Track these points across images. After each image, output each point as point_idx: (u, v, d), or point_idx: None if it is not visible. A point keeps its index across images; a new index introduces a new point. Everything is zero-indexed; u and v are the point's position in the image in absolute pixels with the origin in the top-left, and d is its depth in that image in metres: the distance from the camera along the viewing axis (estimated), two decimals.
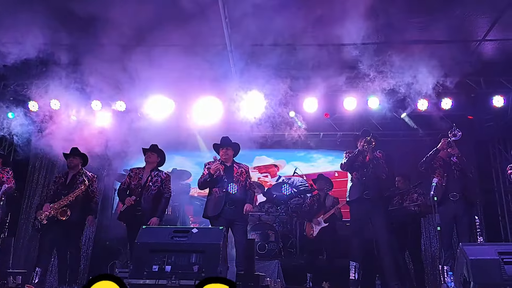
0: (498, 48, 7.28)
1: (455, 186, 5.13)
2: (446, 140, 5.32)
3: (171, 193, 5.79)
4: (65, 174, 5.87)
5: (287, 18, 6.56)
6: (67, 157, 5.92)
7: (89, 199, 5.77)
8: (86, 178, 5.71)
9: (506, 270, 3.70)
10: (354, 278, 5.14)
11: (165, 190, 5.68)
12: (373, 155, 5.24)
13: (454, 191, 5.10)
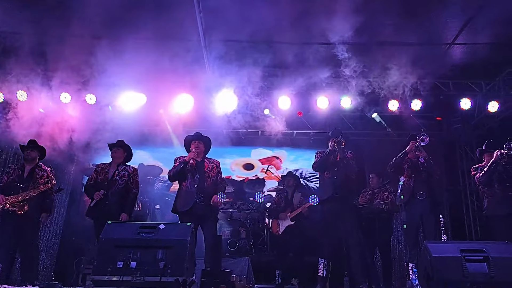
0: (466, 52, 7.45)
1: (422, 186, 5.24)
2: (414, 143, 5.42)
3: (139, 188, 5.68)
4: (22, 167, 5.63)
5: (263, 14, 6.55)
6: (24, 150, 5.71)
7: (45, 196, 5.57)
8: (45, 173, 5.53)
9: (468, 267, 3.80)
10: (323, 275, 5.19)
11: (133, 185, 5.59)
12: (344, 155, 5.28)
13: (420, 191, 5.21)
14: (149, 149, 8.73)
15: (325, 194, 5.25)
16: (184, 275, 3.57)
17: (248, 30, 6.92)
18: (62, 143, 7.15)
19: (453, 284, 3.79)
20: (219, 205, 5.24)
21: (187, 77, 8.09)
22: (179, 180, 5.38)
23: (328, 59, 7.69)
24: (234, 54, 7.59)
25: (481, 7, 6.27)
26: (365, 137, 9.45)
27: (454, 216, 9.06)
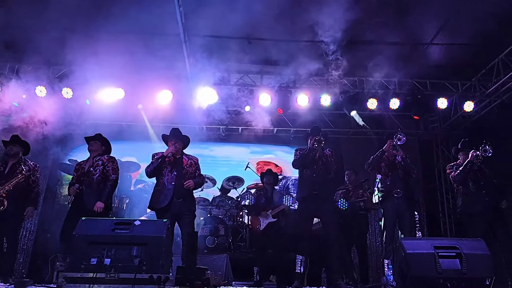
0: (444, 52, 7.58)
1: (399, 184, 5.31)
2: (391, 142, 5.48)
3: (118, 175, 5.48)
4: (5, 163, 5.50)
5: (244, 10, 6.53)
6: (7, 145, 5.55)
7: (29, 189, 5.44)
8: (25, 167, 5.38)
9: (441, 263, 3.86)
10: (300, 271, 5.20)
11: (109, 172, 5.36)
12: (323, 153, 5.29)
13: (397, 189, 5.27)
14: (126, 144, 8.60)
15: (304, 192, 5.25)
16: (160, 272, 3.53)
17: (229, 26, 6.90)
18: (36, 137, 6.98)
19: (427, 280, 3.84)
20: (191, 186, 5.15)
21: (167, 72, 8.03)
22: (157, 177, 5.31)
23: (309, 57, 7.73)
24: (214, 49, 7.56)
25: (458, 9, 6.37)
26: (344, 135, 9.52)
27: (430, 213, 9.23)
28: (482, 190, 5.27)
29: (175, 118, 8.47)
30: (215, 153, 9.26)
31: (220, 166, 8.83)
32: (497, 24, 6.42)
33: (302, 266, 5.15)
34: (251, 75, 8.20)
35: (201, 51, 7.46)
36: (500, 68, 7.42)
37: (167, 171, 5.23)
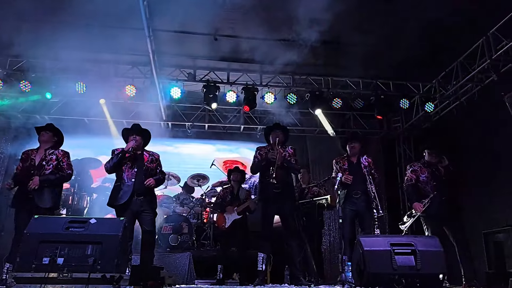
0: (405, 54, 7.73)
1: (360, 185, 5.39)
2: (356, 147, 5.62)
3: (73, 171, 5.31)
4: None
5: (211, 7, 6.47)
6: None
7: None
8: None
9: (396, 260, 3.95)
10: (262, 269, 5.21)
11: (64, 167, 5.16)
12: (282, 158, 5.27)
13: (357, 190, 5.36)
14: (88, 140, 8.37)
15: (266, 192, 5.25)
16: (115, 271, 3.45)
17: (195, 22, 6.83)
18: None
19: (383, 277, 3.92)
20: (151, 184, 5.07)
21: (131, 67, 7.87)
22: (116, 173, 5.18)
23: (276, 55, 7.75)
24: (180, 45, 7.47)
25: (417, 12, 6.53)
26: (310, 133, 9.61)
27: (392, 211, 9.43)
28: (434, 190, 5.41)
29: (139, 114, 8.33)
30: (180, 150, 9.15)
31: (185, 163, 8.72)
32: (457, 27, 6.64)
33: (264, 263, 5.16)
34: (217, 72, 8.14)
35: (167, 47, 7.37)
36: (459, 70, 7.66)
37: (127, 167, 5.11)
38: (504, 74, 7.05)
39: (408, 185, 5.60)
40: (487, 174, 7.25)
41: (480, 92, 7.71)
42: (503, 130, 6.92)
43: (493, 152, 7.18)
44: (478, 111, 7.68)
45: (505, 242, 5.45)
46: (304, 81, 8.35)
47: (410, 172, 5.69)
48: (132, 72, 7.86)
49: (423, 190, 5.51)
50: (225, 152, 9.23)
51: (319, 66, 8.08)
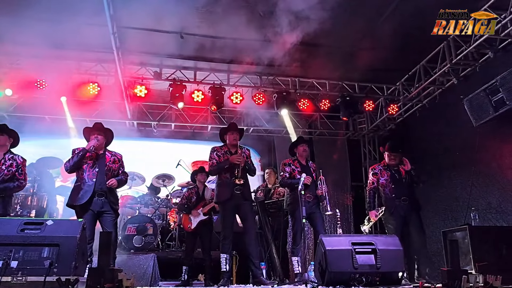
0: (371, 56, 7.89)
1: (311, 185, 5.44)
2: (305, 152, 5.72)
3: (27, 182, 5.15)
4: None
5: (177, 5, 6.38)
6: None
7: None
8: None
9: (357, 259, 4.03)
10: (226, 269, 5.19)
11: (20, 177, 4.99)
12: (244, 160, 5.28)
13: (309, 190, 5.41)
14: (49, 139, 8.11)
15: (225, 193, 5.23)
16: (72, 274, 3.34)
17: (162, 19, 6.72)
18: None
19: (344, 275, 3.99)
20: (114, 185, 4.97)
21: (94, 64, 7.68)
22: (77, 172, 5.04)
23: (243, 54, 7.75)
24: (146, 43, 7.33)
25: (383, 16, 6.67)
26: (277, 134, 9.65)
27: (358, 210, 9.61)
28: (393, 193, 5.59)
29: (103, 113, 8.13)
30: (146, 149, 8.99)
31: (150, 163, 8.57)
32: (420, 31, 6.81)
33: (227, 264, 5.14)
34: (184, 71, 8.05)
35: (132, 44, 7.22)
36: (421, 74, 7.88)
37: (88, 166, 4.97)
38: (463, 78, 7.32)
39: (369, 190, 5.77)
40: (447, 174, 7.50)
41: (441, 94, 7.97)
42: (462, 132, 7.17)
43: (452, 153, 7.43)
44: (439, 113, 7.94)
45: (462, 240, 5.63)
46: (272, 81, 8.38)
47: (371, 175, 5.84)
48: (96, 69, 7.67)
49: (382, 192, 5.67)
50: (192, 151, 9.13)
51: (286, 67, 8.11)
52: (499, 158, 6.42)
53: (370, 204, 5.66)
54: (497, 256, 5.33)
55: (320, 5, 6.30)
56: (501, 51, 6.49)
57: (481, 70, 6.95)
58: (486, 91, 6.08)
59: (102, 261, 2.90)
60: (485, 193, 6.59)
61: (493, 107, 6.01)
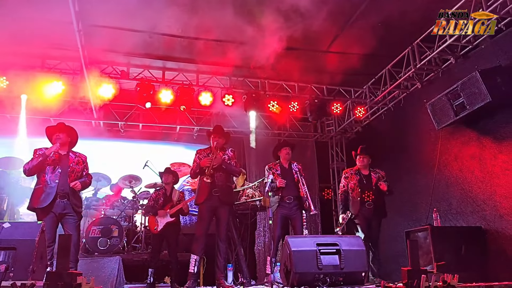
0: (339, 60, 8.02)
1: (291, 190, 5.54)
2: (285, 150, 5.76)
3: None
4: None
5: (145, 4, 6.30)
6: None
7: None
8: None
9: (322, 259, 4.09)
10: (193, 271, 5.15)
11: None
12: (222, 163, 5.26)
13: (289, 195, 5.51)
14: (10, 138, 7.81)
15: (203, 195, 5.20)
16: (29, 278, 3.24)
17: (129, 18, 6.61)
18: None
19: (309, 276, 4.03)
20: (78, 188, 4.87)
21: (58, 62, 7.47)
22: (38, 174, 4.90)
23: (213, 55, 7.72)
24: (114, 42, 7.19)
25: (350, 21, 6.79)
26: (247, 135, 9.64)
27: (325, 211, 9.75)
28: (359, 197, 5.82)
29: (68, 112, 7.92)
30: (112, 150, 8.79)
31: (117, 164, 8.39)
32: (386, 36, 6.98)
33: (196, 266, 5.10)
34: (152, 71, 7.95)
35: (99, 42, 7.06)
36: (387, 78, 8.06)
37: (50, 168, 4.85)
38: (427, 82, 7.54)
39: (341, 193, 5.97)
40: (411, 176, 7.69)
41: (405, 98, 8.18)
42: (425, 135, 7.39)
43: (416, 155, 7.64)
44: (404, 116, 8.14)
45: (424, 240, 5.81)
46: (241, 82, 8.38)
47: (343, 179, 6.06)
48: (61, 67, 7.46)
49: (350, 196, 5.87)
50: (160, 153, 9.00)
51: (256, 68, 8.13)
52: (459, 161, 6.64)
53: (340, 208, 5.85)
54: (456, 255, 5.55)
55: (291, 8, 6.36)
56: (462, 57, 6.74)
57: (444, 75, 7.18)
58: (448, 96, 6.26)
59: (61, 265, 2.82)
60: (446, 194, 6.79)
61: (454, 111, 6.20)
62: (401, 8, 6.23)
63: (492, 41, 6.17)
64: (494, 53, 6.08)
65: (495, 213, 5.86)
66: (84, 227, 6.96)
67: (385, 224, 8.10)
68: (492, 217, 5.89)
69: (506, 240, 5.63)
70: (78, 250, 4.99)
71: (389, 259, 7.92)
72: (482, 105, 5.71)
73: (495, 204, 5.88)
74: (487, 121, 6.13)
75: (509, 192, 5.67)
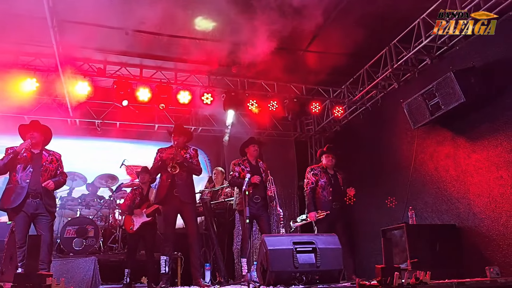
0: (318, 59, 8.06)
1: (259, 190, 5.57)
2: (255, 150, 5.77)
3: None
4: None
5: None
6: None
7: None
8: None
9: (298, 258, 4.10)
10: (165, 271, 5.12)
11: None
12: (187, 153, 5.24)
13: (258, 191, 5.54)
14: None
15: (161, 195, 5.17)
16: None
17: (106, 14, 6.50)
18: None
19: (285, 274, 4.03)
20: (51, 187, 4.77)
21: (32, 58, 7.29)
22: (10, 173, 4.78)
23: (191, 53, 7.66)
24: (90, 38, 7.06)
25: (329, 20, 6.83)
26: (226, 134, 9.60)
27: (303, 209, 9.76)
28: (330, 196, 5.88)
29: (42, 110, 7.75)
30: (88, 149, 8.63)
31: (93, 163, 8.25)
32: (364, 37, 7.04)
33: (167, 266, 5.07)
34: (129, 68, 7.83)
35: (74, 39, 6.92)
36: (365, 77, 8.14)
37: (22, 167, 4.74)
38: (403, 82, 7.64)
39: (309, 189, 5.94)
40: (389, 174, 7.79)
41: (383, 98, 8.28)
42: (402, 134, 7.49)
43: (393, 154, 7.73)
44: (381, 116, 8.24)
45: (400, 238, 5.89)
46: (220, 81, 8.34)
47: (311, 175, 6.02)
48: (35, 63, 7.28)
49: (320, 194, 5.88)
50: (138, 151, 8.88)
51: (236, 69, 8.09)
52: (435, 160, 6.75)
53: (310, 206, 5.86)
54: (431, 253, 5.66)
55: (269, 6, 6.36)
56: (437, 58, 6.86)
57: (420, 75, 7.29)
58: (423, 96, 6.36)
59: (30, 266, 2.75)
60: (422, 192, 6.90)
61: (430, 111, 6.29)
62: (379, 8, 6.30)
63: (466, 42, 6.30)
64: (468, 54, 6.20)
65: (468, 211, 5.98)
66: (58, 227, 6.83)
67: (364, 222, 8.24)
68: (466, 215, 6.01)
69: (479, 237, 5.76)
70: (51, 251, 4.89)
71: (368, 257, 8.02)
72: (456, 105, 5.81)
73: (468, 202, 6.01)
74: (461, 121, 6.26)
75: (482, 191, 5.80)
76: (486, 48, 5.93)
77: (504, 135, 5.56)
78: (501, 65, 5.68)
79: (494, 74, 5.74)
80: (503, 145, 5.56)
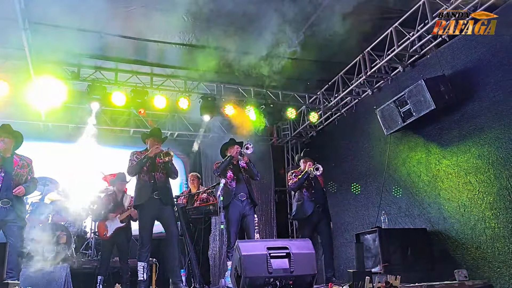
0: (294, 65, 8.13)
1: (242, 188, 5.55)
2: (238, 148, 5.73)
3: None
4: None
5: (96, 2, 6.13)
6: None
7: None
8: None
9: (272, 263, 4.10)
10: (143, 278, 5.05)
11: None
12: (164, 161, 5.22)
13: (241, 192, 5.51)
14: None
15: (144, 197, 5.11)
16: None
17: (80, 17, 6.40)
18: None
19: (259, 280, 4.04)
20: (21, 193, 4.67)
21: (3, 61, 7.13)
22: None
23: (167, 58, 7.63)
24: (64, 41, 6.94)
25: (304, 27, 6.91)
26: (203, 139, 9.57)
27: (280, 214, 9.85)
28: (313, 197, 5.89)
29: (12, 113, 7.55)
30: (62, 153, 8.45)
31: (66, 168, 8.07)
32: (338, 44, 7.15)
33: (145, 273, 5.00)
34: (104, 72, 7.73)
35: (47, 42, 6.79)
36: (339, 84, 8.27)
37: None
38: (377, 89, 7.80)
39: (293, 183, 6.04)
40: (364, 180, 7.92)
41: (357, 104, 8.42)
42: (375, 140, 7.64)
43: (368, 159, 7.87)
44: (356, 122, 8.38)
45: (373, 242, 5.99)
46: (197, 86, 8.32)
47: (294, 176, 6.10)
48: (5, 66, 7.12)
49: (304, 194, 5.96)
50: (112, 156, 8.75)
51: (211, 72, 8.09)
52: (407, 165, 6.91)
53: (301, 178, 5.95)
54: (403, 257, 5.76)
55: (244, 13, 6.40)
56: (409, 66, 7.03)
57: (393, 83, 7.46)
58: (396, 103, 6.50)
59: None
60: (395, 198, 7.04)
61: (402, 118, 6.45)
62: (353, 16, 6.41)
63: (436, 51, 6.49)
64: (438, 62, 6.39)
65: (439, 215, 6.14)
66: (29, 234, 6.64)
67: (341, 227, 8.35)
68: (436, 219, 6.17)
69: (449, 241, 5.92)
70: (21, 259, 4.76)
71: (344, 262, 8.13)
72: (427, 112, 5.97)
73: (439, 206, 6.17)
74: (432, 127, 6.43)
75: (452, 195, 5.97)
76: (454, 58, 6.13)
77: (472, 142, 5.74)
78: (468, 74, 5.88)
79: (462, 83, 5.93)
80: (471, 151, 5.74)
